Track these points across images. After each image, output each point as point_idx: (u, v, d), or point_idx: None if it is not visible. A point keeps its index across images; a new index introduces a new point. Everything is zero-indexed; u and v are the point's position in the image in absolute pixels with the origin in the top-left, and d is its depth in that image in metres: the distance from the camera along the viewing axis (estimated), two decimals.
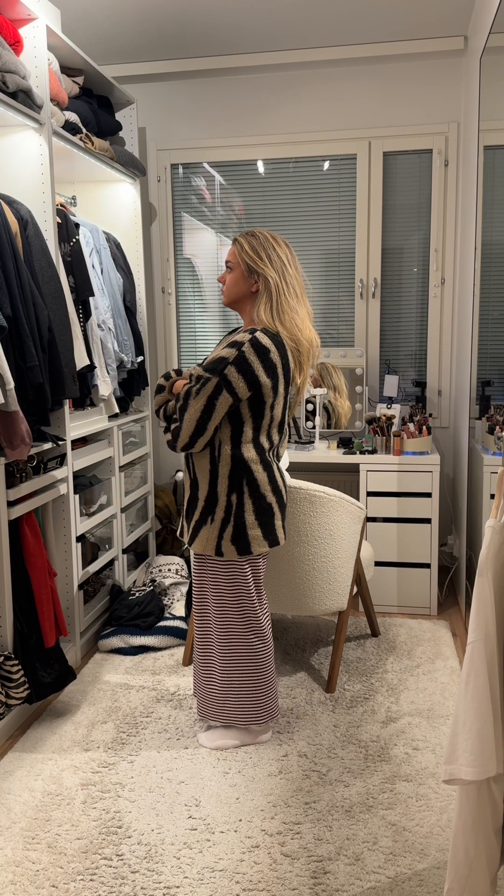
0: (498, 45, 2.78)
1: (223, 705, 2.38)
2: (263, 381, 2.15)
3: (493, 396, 3.27)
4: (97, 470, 3.32)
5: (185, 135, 3.98)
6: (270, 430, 2.26)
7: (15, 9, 2.56)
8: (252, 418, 2.20)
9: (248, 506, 2.22)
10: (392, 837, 1.95)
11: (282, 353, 2.20)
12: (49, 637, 2.53)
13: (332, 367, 3.78)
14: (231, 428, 2.20)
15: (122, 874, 1.84)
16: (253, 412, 2.20)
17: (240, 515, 2.22)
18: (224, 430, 2.20)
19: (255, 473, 2.22)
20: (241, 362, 2.13)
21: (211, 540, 2.25)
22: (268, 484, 2.25)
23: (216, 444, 2.21)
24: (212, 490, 2.24)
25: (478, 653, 1.36)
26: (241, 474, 2.21)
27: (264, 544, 2.26)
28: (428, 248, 3.85)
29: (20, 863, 1.89)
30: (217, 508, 2.23)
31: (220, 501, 2.23)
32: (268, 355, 2.16)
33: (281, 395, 2.23)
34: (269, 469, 2.25)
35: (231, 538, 2.23)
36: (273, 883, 1.80)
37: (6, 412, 2.25)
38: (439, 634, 3.21)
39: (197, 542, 2.28)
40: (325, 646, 3.12)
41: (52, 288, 2.57)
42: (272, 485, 2.26)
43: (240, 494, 2.22)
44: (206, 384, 2.14)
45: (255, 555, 2.29)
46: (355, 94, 3.80)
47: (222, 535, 2.23)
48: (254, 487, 2.22)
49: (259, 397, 2.18)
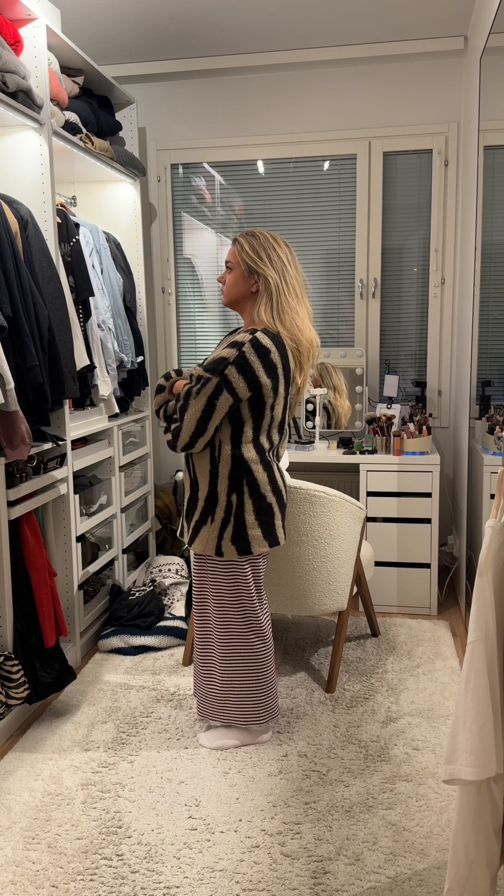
0: (498, 45, 2.78)
1: (223, 705, 2.38)
2: (264, 382, 2.15)
3: (493, 396, 3.27)
4: (97, 470, 3.32)
5: (185, 135, 3.98)
6: (270, 431, 2.26)
7: (15, 9, 2.56)
8: (252, 418, 2.20)
9: (249, 506, 2.22)
10: (392, 837, 1.95)
11: (282, 353, 2.20)
12: (49, 637, 2.53)
13: (332, 367, 3.78)
14: (231, 428, 2.20)
15: (122, 874, 1.84)
16: (253, 412, 2.20)
17: (240, 515, 2.22)
18: (224, 430, 2.20)
19: (256, 473, 2.22)
20: (241, 362, 2.13)
21: (211, 540, 2.25)
22: (268, 484, 2.25)
23: (216, 444, 2.21)
24: (212, 490, 2.24)
25: (478, 653, 1.36)
26: (241, 474, 2.21)
27: (264, 544, 2.26)
28: (428, 248, 3.85)
29: (20, 863, 1.89)
30: (217, 508, 2.23)
31: (220, 501, 2.23)
32: (268, 356, 2.16)
33: (281, 395, 2.23)
34: (269, 469, 2.25)
35: (231, 538, 2.23)
36: (273, 883, 1.80)
37: (6, 412, 2.25)
38: (439, 634, 3.21)
39: (197, 542, 2.28)
40: (325, 646, 3.12)
41: (53, 288, 2.57)
42: (272, 485, 2.26)
43: (240, 494, 2.22)
44: (207, 384, 2.14)
45: (255, 555, 2.29)
46: (355, 94, 3.80)
47: (222, 535, 2.23)
48: (254, 487, 2.22)
49: (259, 397, 2.18)
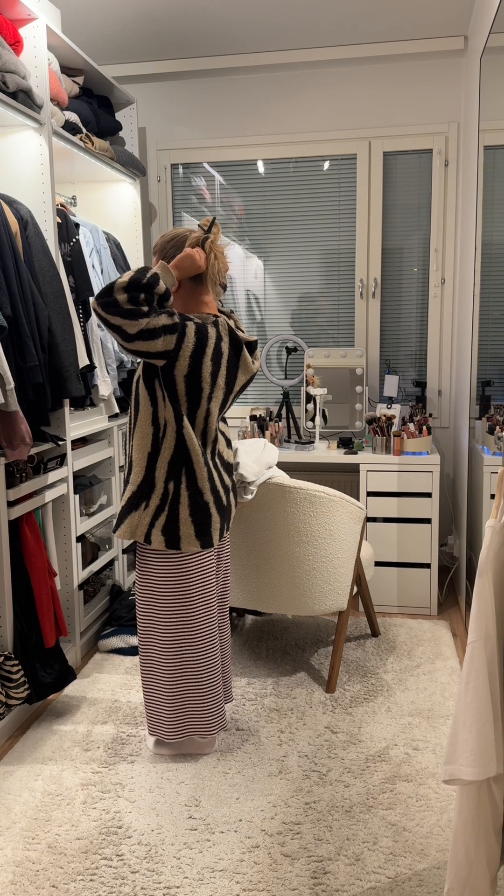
0: (498, 45, 2.78)
1: (148, 712, 2.32)
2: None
3: (493, 396, 3.27)
4: (97, 470, 3.32)
5: (185, 135, 3.98)
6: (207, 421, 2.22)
7: (15, 9, 2.56)
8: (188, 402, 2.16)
9: (185, 499, 2.17)
10: (392, 837, 1.95)
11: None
12: (49, 637, 2.53)
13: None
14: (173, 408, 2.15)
15: (122, 874, 1.84)
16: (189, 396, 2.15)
17: (174, 507, 2.18)
18: (168, 408, 2.15)
19: (195, 465, 2.16)
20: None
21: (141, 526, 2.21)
22: (206, 480, 2.19)
23: (161, 424, 2.16)
24: (148, 475, 2.19)
25: (478, 653, 1.36)
26: (182, 463, 2.16)
27: (196, 543, 2.20)
28: (428, 248, 3.85)
29: (20, 863, 1.89)
30: (153, 495, 2.19)
31: (157, 488, 2.18)
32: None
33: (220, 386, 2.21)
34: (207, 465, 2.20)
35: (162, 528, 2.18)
36: (273, 883, 1.80)
37: (6, 412, 2.25)
38: (439, 634, 3.21)
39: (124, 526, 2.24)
40: (325, 646, 3.12)
41: (54, 288, 2.57)
42: (210, 482, 2.20)
43: (177, 484, 2.17)
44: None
45: (183, 552, 2.22)
46: (355, 94, 3.80)
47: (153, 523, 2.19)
48: (192, 480, 2.17)
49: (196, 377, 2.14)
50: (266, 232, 4.01)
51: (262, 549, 2.67)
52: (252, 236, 4.03)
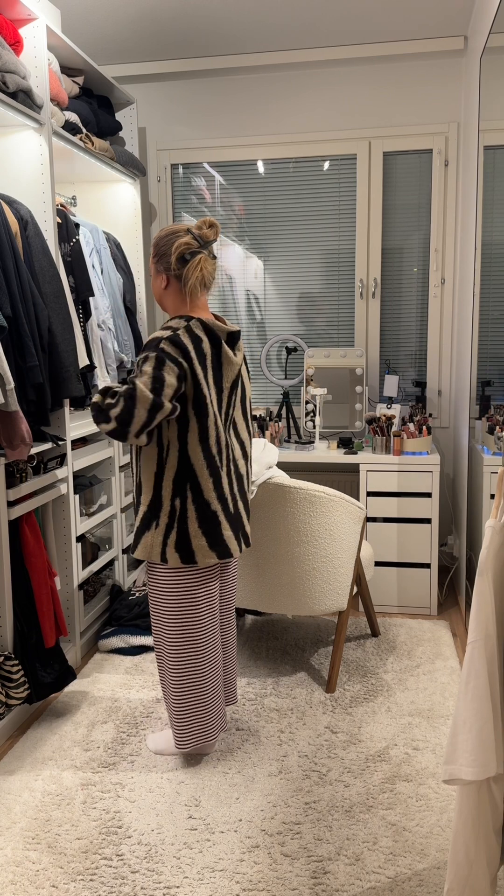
0: (498, 45, 2.78)
1: (168, 711, 2.34)
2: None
3: (493, 396, 3.27)
4: (97, 470, 3.32)
5: (185, 135, 3.99)
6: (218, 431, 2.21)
7: (15, 9, 2.56)
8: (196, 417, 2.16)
9: (192, 513, 2.18)
10: (392, 837, 1.95)
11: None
12: (49, 637, 2.53)
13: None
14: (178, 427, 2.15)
15: (122, 874, 1.84)
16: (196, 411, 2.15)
17: (183, 522, 2.18)
18: (171, 429, 2.15)
19: (200, 479, 2.16)
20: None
21: (156, 546, 2.21)
22: (212, 490, 2.18)
23: (164, 445, 2.16)
24: (156, 494, 2.21)
25: (478, 653, 1.36)
26: (186, 479, 2.16)
27: (212, 555, 2.19)
28: (428, 248, 3.85)
29: (20, 863, 1.89)
30: (161, 514, 2.20)
31: (165, 506, 2.19)
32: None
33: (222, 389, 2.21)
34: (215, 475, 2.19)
35: (175, 545, 2.19)
36: (273, 883, 1.80)
37: (6, 412, 2.25)
38: (439, 634, 3.21)
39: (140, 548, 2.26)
40: (325, 646, 3.12)
41: (55, 288, 2.57)
42: (217, 491, 2.19)
43: (183, 500, 2.18)
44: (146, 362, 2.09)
45: (200, 566, 2.20)
46: (355, 94, 3.80)
47: (166, 541, 2.21)
48: (197, 493, 2.17)
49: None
50: (266, 232, 4.01)
51: (262, 549, 2.67)
52: (252, 236, 4.03)
